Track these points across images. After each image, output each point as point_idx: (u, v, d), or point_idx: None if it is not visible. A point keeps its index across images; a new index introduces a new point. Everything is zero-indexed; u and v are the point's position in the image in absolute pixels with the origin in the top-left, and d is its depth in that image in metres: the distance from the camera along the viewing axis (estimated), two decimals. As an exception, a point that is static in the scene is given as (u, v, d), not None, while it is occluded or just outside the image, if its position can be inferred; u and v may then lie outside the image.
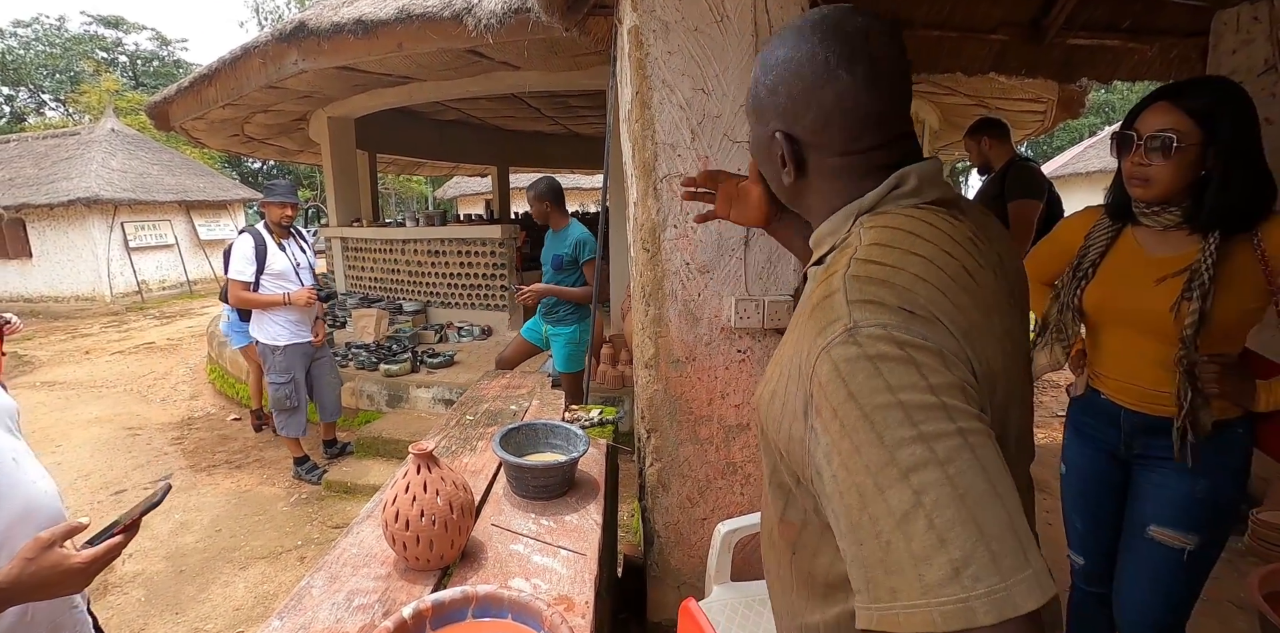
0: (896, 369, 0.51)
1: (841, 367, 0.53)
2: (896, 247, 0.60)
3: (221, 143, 8.05)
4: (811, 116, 0.65)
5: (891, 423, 0.49)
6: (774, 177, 0.74)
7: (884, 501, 0.48)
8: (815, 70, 0.64)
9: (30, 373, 7.01)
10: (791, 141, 0.68)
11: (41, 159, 12.70)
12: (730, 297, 1.54)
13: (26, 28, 26.93)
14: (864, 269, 0.58)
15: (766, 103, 0.69)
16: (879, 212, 0.66)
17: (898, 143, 0.67)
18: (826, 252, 0.68)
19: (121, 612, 2.60)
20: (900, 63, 0.65)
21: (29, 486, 0.91)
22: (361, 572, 1.08)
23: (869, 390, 0.51)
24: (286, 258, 3.46)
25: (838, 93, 0.63)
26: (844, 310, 0.55)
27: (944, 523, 0.45)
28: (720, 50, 1.51)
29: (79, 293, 12.08)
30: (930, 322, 0.54)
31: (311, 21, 4.18)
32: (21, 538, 0.85)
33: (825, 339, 0.55)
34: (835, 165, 0.68)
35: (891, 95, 0.65)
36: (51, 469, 3.29)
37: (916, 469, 0.47)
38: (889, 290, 0.56)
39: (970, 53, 3.24)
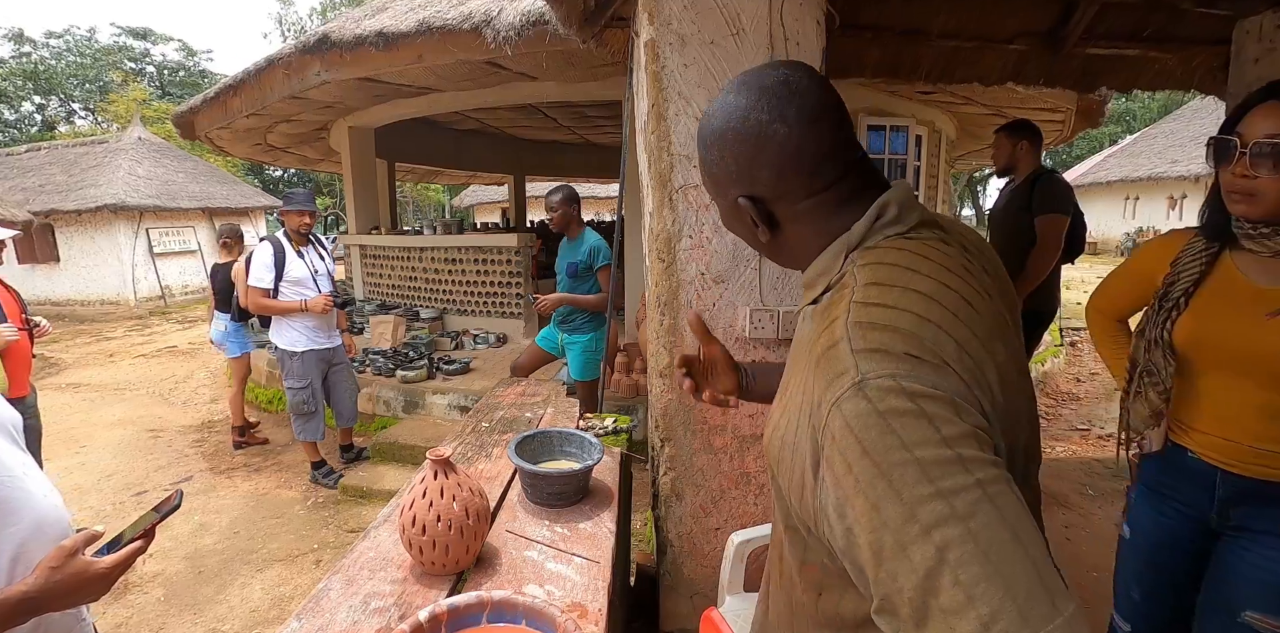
0: (909, 424, 0.50)
1: (853, 423, 0.52)
2: (895, 285, 0.60)
3: (245, 151, 8.21)
4: (765, 174, 0.67)
5: (909, 480, 0.49)
6: (751, 240, 0.76)
7: (906, 558, 0.48)
8: (753, 131, 0.66)
9: (57, 374, 7.16)
10: (755, 202, 0.69)
11: (71, 166, 13.02)
12: (745, 307, 1.55)
13: (58, 39, 27.70)
14: (866, 314, 0.58)
15: (719, 174, 0.71)
16: (868, 246, 0.66)
17: (854, 168, 0.69)
18: (822, 291, 0.69)
19: (141, 611, 2.64)
20: (826, 97, 0.67)
21: (40, 499, 0.92)
22: (378, 575, 1.10)
23: (883, 448, 0.50)
24: (305, 265, 3.52)
25: (780, 145, 0.66)
26: (850, 361, 0.55)
27: (969, 579, 0.45)
28: (736, 63, 1.53)
29: (104, 297, 12.34)
30: (938, 367, 0.54)
31: (334, 34, 4.27)
32: (37, 550, 0.87)
33: (834, 393, 0.55)
34: (805, 209, 0.69)
35: (831, 129, 0.67)
36: (76, 469, 3.35)
37: (938, 526, 0.47)
38: (893, 336, 0.56)
39: (988, 63, 3.23)
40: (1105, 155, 19.44)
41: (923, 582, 0.46)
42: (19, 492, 0.89)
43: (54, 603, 0.82)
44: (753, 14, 1.51)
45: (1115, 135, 24.08)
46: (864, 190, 0.69)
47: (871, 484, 0.50)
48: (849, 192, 0.69)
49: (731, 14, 1.51)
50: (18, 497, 0.88)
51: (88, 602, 0.88)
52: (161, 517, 0.94)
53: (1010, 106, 5.59)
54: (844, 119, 0.69)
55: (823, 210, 0.69)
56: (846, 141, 0.68)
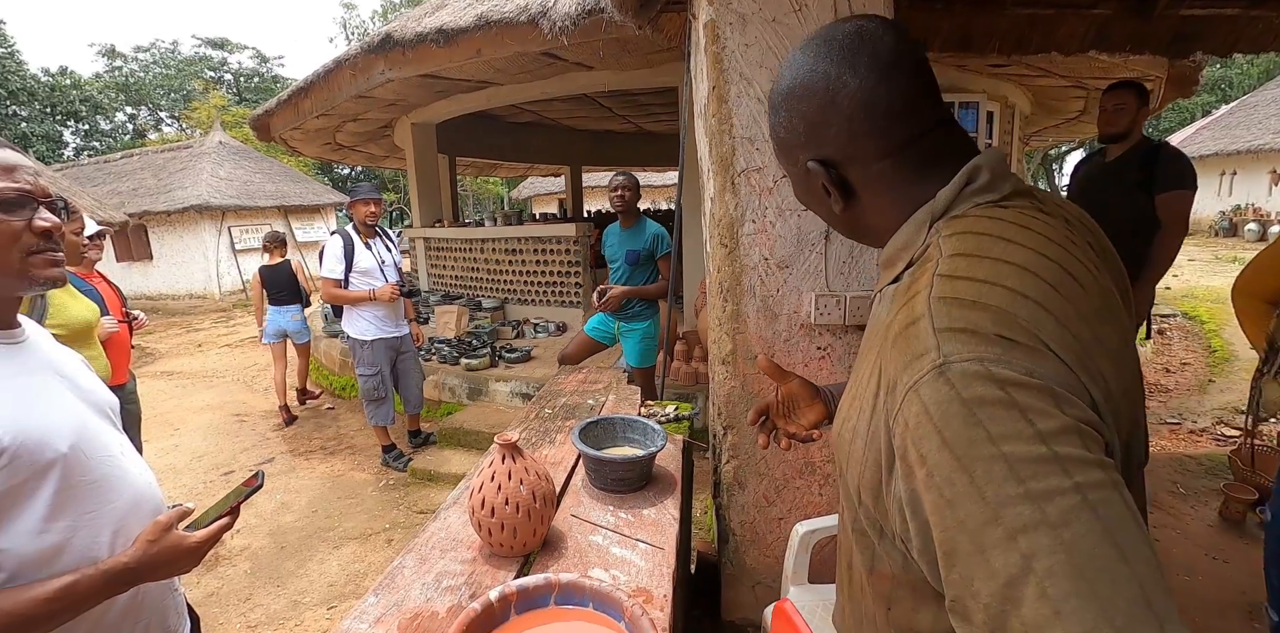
0: (997, 415, 0.44)
1: (933, 410, 0.47)
2: (986, 256, 0.53)
3: (315, 151, 8.57)
4: (835, 131, 0.62)
5: (995, 478, 0.43)
6: (826, 213, 0.70)
7: (985, 562, 0.43)
8: (821, 86, 0.61)
9: (152, 363, 7.72)
10: (827, 166, 0.64)
11: (160, 171, 13.94)
12: (810, 292, 1.51)
13: (145, 52, 29.65)
14: (951, 288, 0.52)
15: (789, 140, 0.66)
16: (955, 215, 0.59)
17: (937, 131, 0.62)
18: (903, 269, 0.62)
19: (230, 582, 2.82)
20: (902, 45, 0.61)
21: (136, 477, 0.98)
22: (449, 555, 1.13)
23: (966, 441, 0.45)
24: (373, 256, 3.65)
25: (850, 98, 0.60)
26: (931, 341, 0.49)
27: (1059, 594, 0.39)
28: (799, 41, 1.47)
29: (192, 291, 13.19)
30: (1034, 351, 0.47)
31: (397, 33, 4.38)
32: (134, 525, 0.93)
33: (911, 376, 0.49)
34: (881, 172, 0.63)
35: (907, 80, 0.60)
36: (170, 450, 3.59)
37: (1025, 531, 0.41)
38: (983, 314, 0.49)
39: (1068, 30, 3.02)
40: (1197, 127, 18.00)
41: (1003, 590, 0.42)
42: (118, 470, 0.94)
43: (151, 574, 0.88)
44: (816, -12, 1.45)
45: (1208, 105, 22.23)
46: (949, 153, 0.62)
47: (949, 480, 0.45)
48: (930, 153, 0.62)
49: (794, -11, 1.45)
50: (117, 475, 0.94)
51: (180, 574, 0.94)
52: (245, 496, 1.00)
53: (1092, 77, 5.23)
54: (924, 71, 0.62)
55: (901, 174, 0.62)
56: (927, 97, 0.62)
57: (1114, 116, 2.73)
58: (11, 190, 0.84)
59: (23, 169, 0.87)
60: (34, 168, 0.89)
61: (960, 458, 0.45)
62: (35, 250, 0.86)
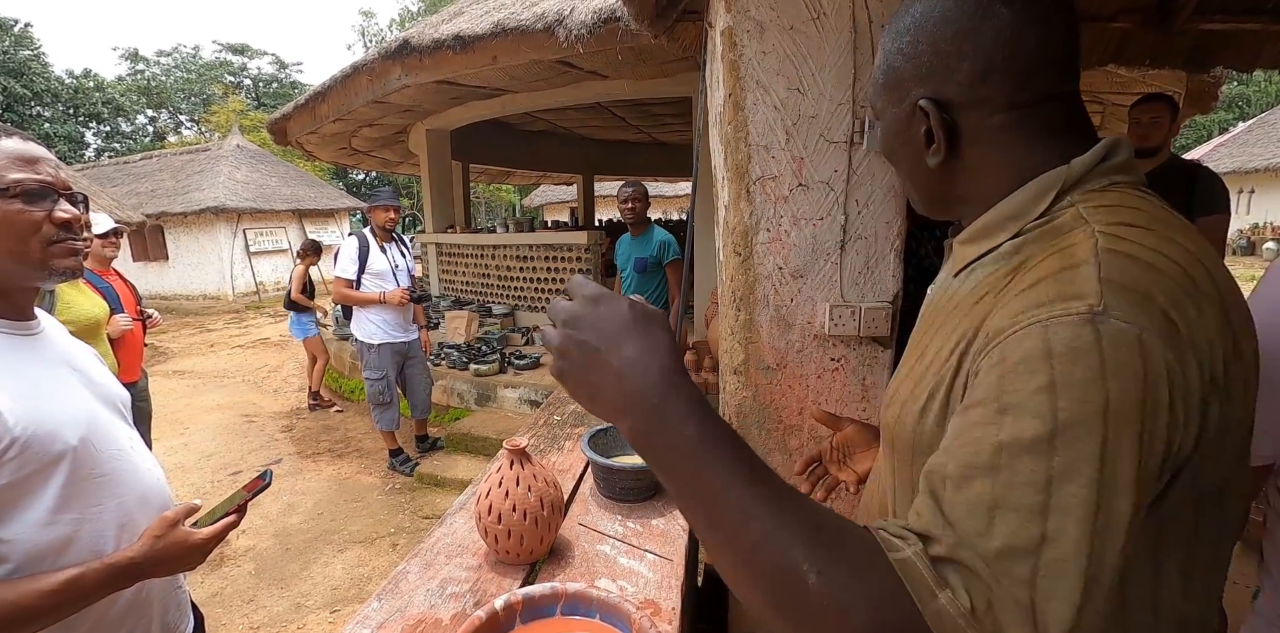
0: (1130, 391, 0.40)
1: (1059, 351, 0.41)
2: (1153, 230, 0.46)
3: (331, 155, 8.66)
4: (968, 66, 0.54)
5: (1078, 449, 0.40)
6: (913, 168, 0.61)
7: (972, 486, 0.41)
8: (968, 10, 0.54)
9: (164, 362, 7.78)
10: (940, 108, 0.55)
11: (178, 172, 14.13)
12: (824, 302, 1.49)
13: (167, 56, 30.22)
14: (1125, 245, 0.45)
15: (904, 70, 0.57)
16: (1095, 189, 0.52)
17: (1070, 101, 0.55)
18: (1005, 239, 0.54)
19: (235, 582, 2.82)
20: (1065, 4, 0.54)
21: (145, 472, 0.98)
22: (454, 561, 1.12)
23: (1079, 396, 0.40)
24: (387, 260, 3.68)
25: (998, 30, 0.52)
26: (1093, 286, 0.42)
27: (1017, 520, 0.40)
28: (816, 48, 1.47)
29: (206, 292, 13.32)
30: (1190, 346, 0.42)
31: (414, 39, 4.43)
32: (141, 519, 0.93)
33: (1047, 312, 0.43)
34: (999, 125, 0.55)
35: (1062, 34, 0.53)
36: (180, 449, 3.62)
37: (1037, 494, 0.40)
38: (1159, 281, 0.43)
39: (1086, 43, 3.00)
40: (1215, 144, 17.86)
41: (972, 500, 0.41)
42: (127, 465, 0.94)
43: (156, 569, 0.87)
44: (835, -3, 1.45)
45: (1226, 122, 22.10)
46: (1077, 127, 0.55)
47: (1024, 422, 0.41)
48: (1059, 120, 0.55)
49: (813, -2, 1.45)
50: (125, 469, 0.94)
51: (185, 570, 0.93)
52: (253, 495, 0.99)
53: (1110, 92, 5.19)
54: (1076, 35, 0.55)
55: (1022, 132, 0.55)
56: (1072, 60, 0.55)
57: (1149, 130, 2.63)
58: (34, 181, 0.85)
59: (45, 161, 0.88)
60: (56, 161, 0.91)
61: (1059, 410, 0.40)
62: (55, 241, 0.87)
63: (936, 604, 0.39)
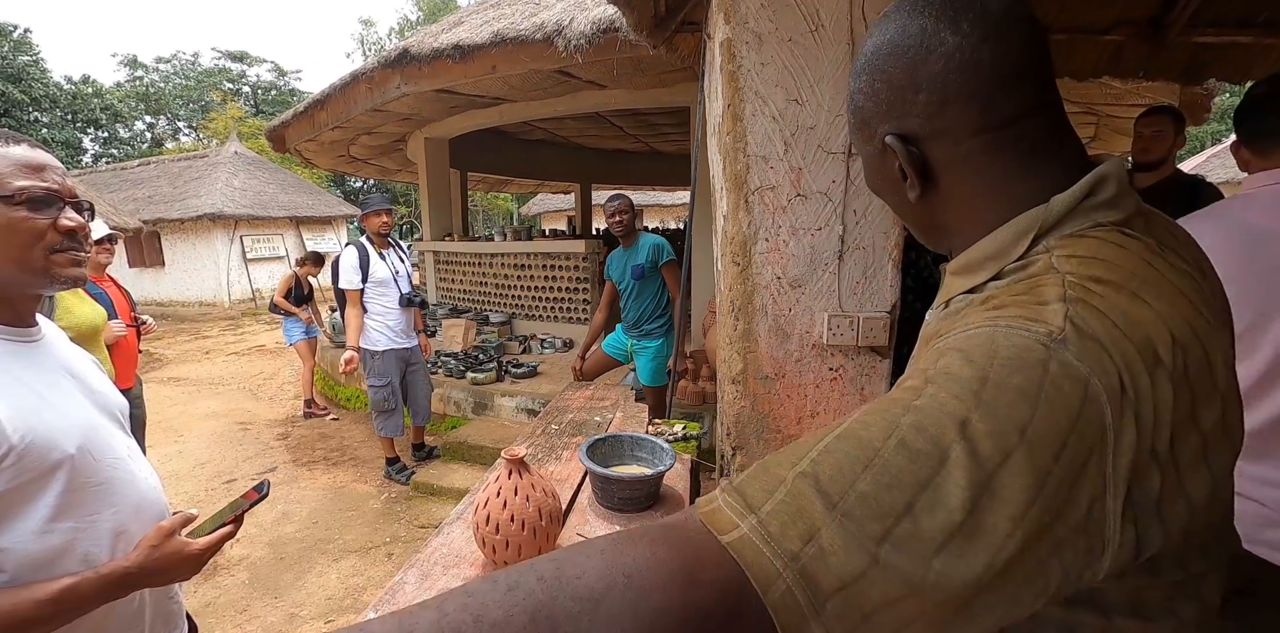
0: (1057, 423, 0.38)
1: (1004, 352, 0.40)
2: (1124, 287, 0.44)
3: (330, 163, 8.68)
4: (924, 98, 0.52)
5: (982, 440, 0.38)
6: (899, 202, 0.60)
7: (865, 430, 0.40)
8: (913, 42, 0.51)
9: (159, 369, 7.74)
10: (907, 142, 0.54)
11: (176, 179, 14.14)
12: (823, 312, 1.50)
13: (166, 63, 30.32)
14: (1091, 295, 0.43)
15: (868, 109, 0.56)
16: (1072, 233, 0.49)
17: (1045, 115, 0.52)
18: (986, 280, 0.53)
19: (228, 592, 2.79)
20: (1021, 12, 0.51)
21: (141, 481, 0.97)
22: (451, 572, 1.11)
23: (1007, 402, 0.38)
24: (387, 266, 3.67)
25: (947, 56, 0.50)
26: (1061, 322, 0.41)
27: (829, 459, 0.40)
28: (815, 60, 1.48)
29: (202, 299, 13.29)
30: (1134, 419, 0.40)
31: (414, 48, 4.45)
32: (136, 529, 0.92)
33: (1007, 321, 0.42)
34: (972, 152, 0.52)
35: (1020, 50, 0.50)
36: (174, 457, 3.58)
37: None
38: (1121, 342, 0.41)
39: (1081, 56, 3.03)
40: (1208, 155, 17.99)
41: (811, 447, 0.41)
42: (124, 473, 0.94)
43: (151, 579, 0.87)
44: (832, 9, 1.46)
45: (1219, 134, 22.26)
46: (1057, 145, 0.52)
47: (935, 391, 0.40)
48: (1035, 140, 0.52)
49: (810, 10, 1.47)
50: (122, 478, 0.93)
51: (180, 580, 0.93)
52: (250, 505, 0.98)
53: (1104, 103, 5.25)
54: (1041, 44, 0.51)
55: (997, 159, 0.52)
56: (1037, 71, 0.51)
57: (1152, 143, 2.60)
58: (40, 189, 0.85)
59: (51, 169, 0.88)
60: (62, 169, 0.91)
61: (978, 408, 0.38)
62: (59, 249, 0.87)
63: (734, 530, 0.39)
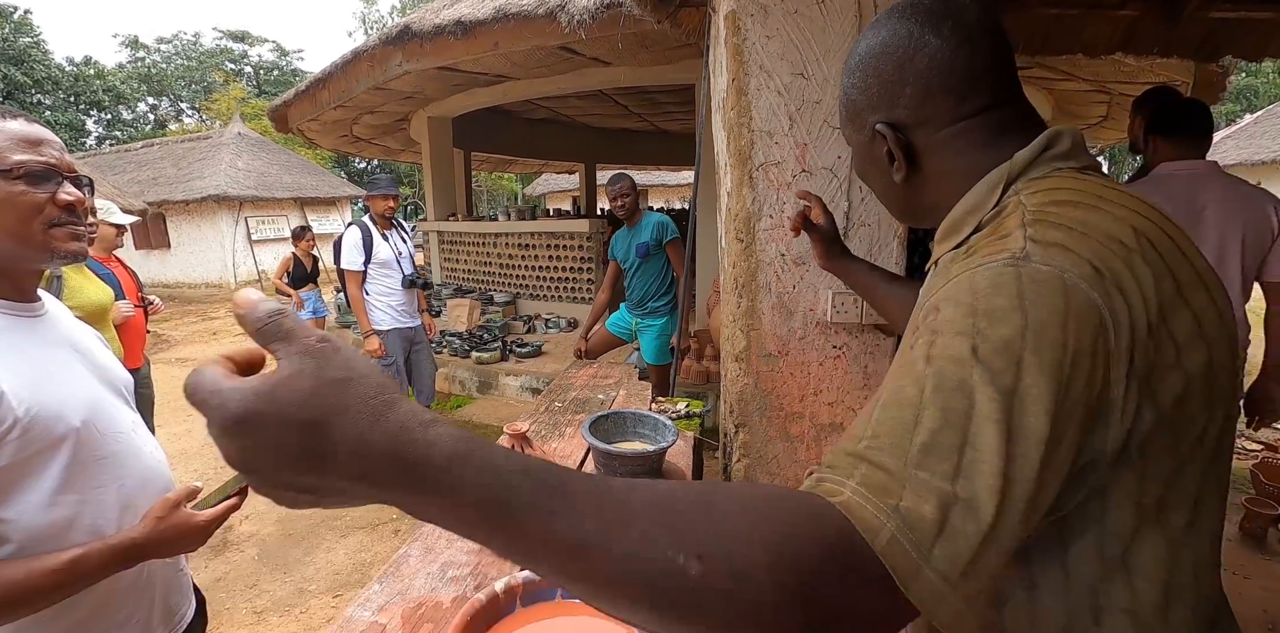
0: (1047, 320, 0.42)
1: (981, 285, 0.45)
2: (1081, 203, 0.50)
3: (332, 143, 8.62)
4: (909, 90, 0.62)
5: (997, 352, 0.42)
6: (884, 186, 0.69)
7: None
8: (902, 44, 0.61)
9: (167, 350, 7.81)
10: (895, 129, 0.63)
11: (179, 160, 14.08)
12: (827, 290, 1.49)
13: (168, 44, 30.02)
14: (1048, 216, 0.49)
15: (860, 102, 0.66)
16: (1035, 177, 0.56)
17: (1012, 106, 0.62)
18: (969, 234, 0.59)
19: (238, 567, 2.84)
20: (988, 20, 0.61)
21: (147, 456, 0.98)
22: (455, 545, 1.12)
23: (1000, 317, 0.43)
24: (390, 247, 3.66)
25: (930, 56, 0.60)
26: (1019, 244, 0.47)
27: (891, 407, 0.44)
28: (820, 33, 1.45)
29: (209, 280, 13.32)
30: (1117, 290, 0.44)
31: (415, 24, 4.39)
32: (143, 501, 0.93)
33: (976, 263, 0.48)
34: (951, 136, 0.62)
35: (990, 52, 0.60)
36: (183, 435, 3.62)
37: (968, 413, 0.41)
38: (1079, 239, 0.46)
39: (1094, 31, 2.97)
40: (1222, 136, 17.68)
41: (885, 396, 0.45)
42: (129, 447, 0.95)
43: (157, 551, 0.88)
44: (840, -20, 1.43)
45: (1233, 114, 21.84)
46: (1022, 126, 0.61)
47: (946, 340, 0.44)
48: (1004, 124, 0.61)
49: (818, -19, 1.43)
50: (128, 452, 0.94)
51: (186, 552, 0.94)
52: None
53: (1116, 81, 5.16)
54: (1006, 48, 0.62)
55: (973, 140, 0.61)
56: (1004, 71, 0.62)
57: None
58: (38, 163, 0.84)
59: (49, 144, 0.87)
60: (60, 144, 0.90)
61: (979, 331, 0.43)
62: (58, 223, 0.86)
63: (880, 527, 0.38)
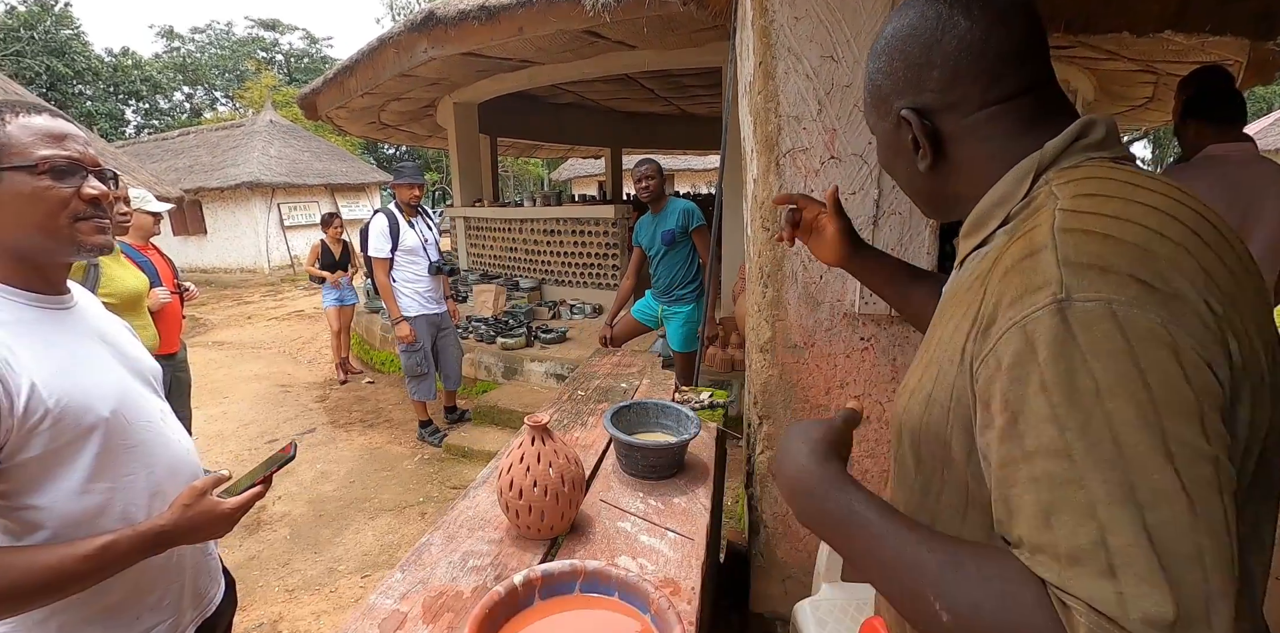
0: (1113, 369, 0.40)
1: (1040, 350, 0.42)
2: (1116, 196, 0.47)
3: (361, 129, 8.69)
4: (937, 74, 0.58)
5: (1089, 437, 0.40)
6: (910, 175, 0.65)
7: (1050, 528, 0.41)
8: (930, 25, 0.58)
9: (204, 334, 8.02)
10: (921, 115, 0.60)
11: (214, 148, 14.35)
12: (855, 280, 1.45)
13: (201, 34, 30.52)
14: (1079, 221, 0.46)
15: (885, 86, 0.63)
16: (1067, 166, 0.53)
17: (1043, 90, 0.58)
18: (995, 228, 0.57)
19: (271, 546, 2.92)
20: (1023, 2, 0.58)
21: (175, 444, 1.01)
22: (476, 535, 1.13)
23: (1068, 389, 0.41)
24: (416, 235, 3.69)
25: (959, 38, 0.57)
26: (1053, 273, 0.43)
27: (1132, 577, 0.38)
28: (852, 13, 1.40)
29: (243, 265, 13.63)
30: (1173, 298, 0.41)
31: (440, 10, 4.37)
32: (171, 488, 0.95)
33: (1021, 310, 0.44)
34: (979, 123, 0.58)
35: (1022, 34, 0.57)
36: (219, 417, 3.73)
37: (1109, 504, 0.39)
38: (1118, 250, 0.43)
39: (1142, 8, 2.81)
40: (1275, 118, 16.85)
41: (1066, 562, 0.40)
42: (158, 436, 0.97)
43: (185, 537, 0.90)
44: (875, -43, 1.37)
45: (1284, 95, 20.75)
46: (1054, 113, 0.57)
47: (1036, 430, 0.42)
48: (1035, 110, 0.57)
49: (851, -42, 1.37)
50: (157, 440, 0.96)
51: (214, 538, 0.96)
52: (278, 466, 1.01)
53: (1164, 61, 4.92)
54: (1039, 30, 0.58)
55: (1002, 127, 0.58)
56: (1037, 53, 0.58)
57: None
58: (62, 158, 0.85)
59: (73, 138, 0.88)
60: (85, 137, 0.91)
61: (1055, 407, 0.41)
62: (83, 217, 0.87)
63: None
